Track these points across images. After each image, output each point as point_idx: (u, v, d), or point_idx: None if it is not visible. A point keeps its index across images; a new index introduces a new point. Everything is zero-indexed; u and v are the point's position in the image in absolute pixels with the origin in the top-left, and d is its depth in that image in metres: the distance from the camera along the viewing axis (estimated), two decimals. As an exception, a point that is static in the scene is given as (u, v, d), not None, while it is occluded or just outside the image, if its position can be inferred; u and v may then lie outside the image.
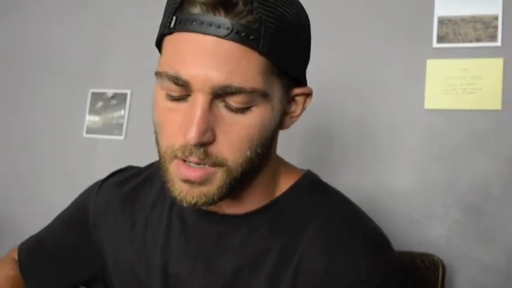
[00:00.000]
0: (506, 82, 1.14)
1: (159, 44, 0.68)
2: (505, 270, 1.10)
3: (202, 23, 0.61)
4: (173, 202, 0.80)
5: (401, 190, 1.20)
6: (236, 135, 0.64)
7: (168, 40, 0.65)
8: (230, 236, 0.76)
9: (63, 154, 1.60)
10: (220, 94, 0.62)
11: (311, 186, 0.79)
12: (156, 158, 0.68)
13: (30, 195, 1.64)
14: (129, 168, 0.94)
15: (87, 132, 1.56)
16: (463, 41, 1.19)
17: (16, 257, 0.99)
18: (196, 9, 0.61)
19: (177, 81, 0.62)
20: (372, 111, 1.26)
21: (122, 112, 1.52)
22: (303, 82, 0.72)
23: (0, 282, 0.95)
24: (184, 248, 0.79)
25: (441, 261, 0.98)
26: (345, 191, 0.92)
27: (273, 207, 0.76)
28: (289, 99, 0.71)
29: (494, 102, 1.15)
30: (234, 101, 0.62)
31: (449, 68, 1.20)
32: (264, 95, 0.64)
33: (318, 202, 0.76)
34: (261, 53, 0.62)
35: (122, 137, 1.51)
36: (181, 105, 0.64)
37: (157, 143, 0.68)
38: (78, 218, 0.93)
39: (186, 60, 0.61)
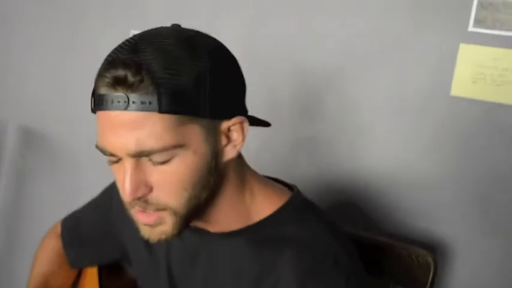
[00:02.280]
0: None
1: None
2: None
3: (107, 101, 0.70)
4: None
5: (413, 176, 1.24)
6: (167, 182, 0.74)
7: (96, 117, 0.76)
8: (216, 251, 0.87)
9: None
10: (140, 155, 0.72)
11: (293, 215, 0.85)
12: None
13: (78, 121, 1.78)
14: None
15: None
16: (500, 29, 1.13)
17: (59, 230, 1.15)
18: (102, 90, 0.71)
19: (105, 153, 0.74)
20: (396, 89, 1.25)
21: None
22: (233, 113, 0.77)
23: (51, 252, 1.14)
24: (182, 254, 0.91)
25: (434, 261, 1.06)
26: (355, 174, 0.95)
27: (254, 231, 0.85)
28: (223, 133, 0.77)
29: (522, 97, 1.12)
30: (154, 158, 0.72)
31: (482, 55, 1.15)
32: (179, 146, 0.72)
33: (296, 232, 0.83)
34: (162, 112, 0.69)
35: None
36: (120, 167, 0.75)
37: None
38: (105, 210, 1.07)
39: (105, 135, 0.72)
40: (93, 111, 0.74)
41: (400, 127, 1.25)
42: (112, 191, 1.06)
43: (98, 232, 1.08)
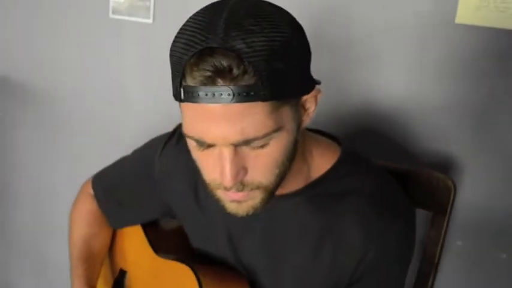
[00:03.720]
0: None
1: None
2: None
3: (206, 94, 0.69)
4: None
5: (420, 101, 1.30)
6: (263, 164, 0.77)
7: (183, 107, 0.74)
8: (276, 211, 0.92)
9: (90, 34, 1.62)
10: (243, 144, 0.73)
11: (349, 168, 0.92)
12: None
13: (57, 68, 1.71)
14: None
15: (114, 12, 1.55)
16: (504, -44, 1.16)
17: (91, 192, 1.14)
18: (198, 82, 0.68)
19: (203, 143, 0.74)
20: (399, 19, 1.28)
21: (148, -6, 1.50)
22: (311, 85, 0.80)
23: (87, 215, 1.14)
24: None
25: (454, 184, 1.15)
26: (360, 104, 1.00)
27: (313, 188, 0.91)
28: (302, 105, 0.80)
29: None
30: (254, 144, 0.74)
31: (485, -18, 1.19)
32: (277, 130, 0.74)
33: (355, 184, 0.90)
34: (264, 100, 0.70)
35: (149, 20, 1.52)
36: (213, 151, 0.75)
37: (199, 167, 0.80)
38: (144, 171, 1.06)
39: (203, 127, 0.72)
40: (182, 101, 0.72)
41: (405, 54, 1.30)
42: (153, 153, 1.04)
43: (137, 192, 1.09)
